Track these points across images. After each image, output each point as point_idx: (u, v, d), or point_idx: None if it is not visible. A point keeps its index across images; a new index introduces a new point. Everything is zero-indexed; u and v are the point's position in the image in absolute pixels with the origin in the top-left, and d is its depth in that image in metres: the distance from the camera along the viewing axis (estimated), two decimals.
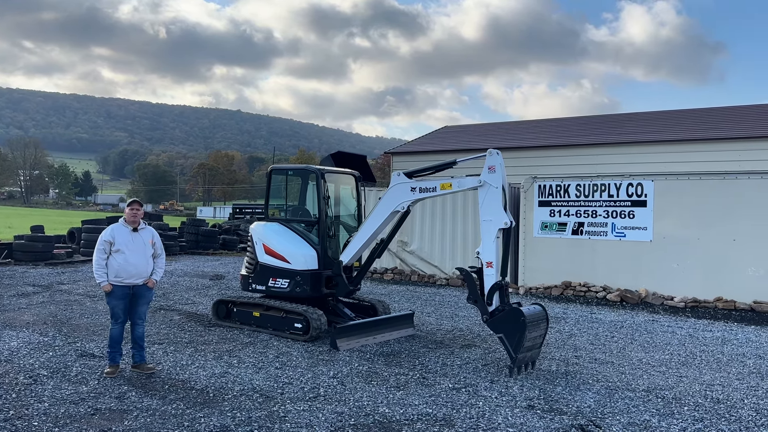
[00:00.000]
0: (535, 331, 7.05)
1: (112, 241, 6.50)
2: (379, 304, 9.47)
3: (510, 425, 5.38)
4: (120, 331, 6.61)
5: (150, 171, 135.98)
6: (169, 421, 5.26)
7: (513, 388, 6.48)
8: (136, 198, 6.84)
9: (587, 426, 5.41)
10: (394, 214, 8.34)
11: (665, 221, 12.30)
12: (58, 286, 12.73)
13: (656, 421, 5.58)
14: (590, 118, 26.24)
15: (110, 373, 6.50)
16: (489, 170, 7.35)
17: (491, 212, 7.27)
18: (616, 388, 6.57)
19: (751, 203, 11.52)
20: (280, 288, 8.80)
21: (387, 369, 7.10)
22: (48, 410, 5.44)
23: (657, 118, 22.79)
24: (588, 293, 12.91)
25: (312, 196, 9.19)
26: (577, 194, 13.25)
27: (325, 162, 9.77)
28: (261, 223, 9.38)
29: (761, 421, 5.67)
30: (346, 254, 8.74)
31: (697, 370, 7.44)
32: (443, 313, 11.02)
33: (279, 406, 5.73)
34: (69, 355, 7.30)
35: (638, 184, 12.58)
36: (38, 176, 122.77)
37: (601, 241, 12.96)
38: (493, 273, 7.14)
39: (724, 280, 11.70)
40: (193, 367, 6.92)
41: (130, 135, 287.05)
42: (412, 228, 15.40)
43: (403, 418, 5.51)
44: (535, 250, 13.76)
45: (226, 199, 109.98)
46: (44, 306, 10.51)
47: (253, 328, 8.91)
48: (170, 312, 10.36)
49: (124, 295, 6.56)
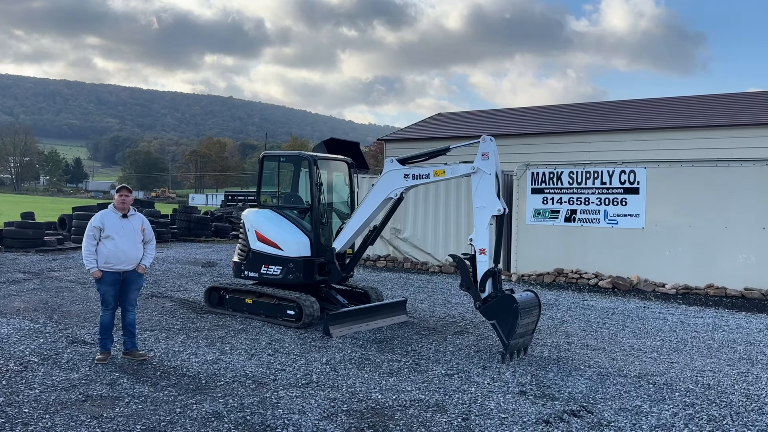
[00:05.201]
0: (527, 317, 7.06)
1: (102, 227, 6.44)
2: (372, 291, 9.46)
3: (502, 411, 5.39)
4: (111, 318, 6.57)
5: (141, 158, 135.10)
6: (160, 408, 5.24)
7: (505, 374, 6.50)
8: (126, 185, 6.77)
9: (579, 411, 5.43)
10: (387, 200, 8.31)
11: (657, 208, 12.33)
12: (49, 273, 12.65)
13: (647, 407, 5.61)
14: (583, 105, 26.23)
15: (101, 360, 6.47)
16: (482, 157, 7.32)
17: (484, 199, 7.25)
18: (608, 374, 6.60)
19: (742, 191, 11.55)
20: (273, 275, 8.78)
21: (380, 355, 7.10)
22: (39, 397, 5.41)
23: (649, 106, 22.80)
24: (580, 280, 12.96)
25: (305, 182, 9.13)
26: (569, 181, 13.26)
27: (317, 149, 9.71)
28: (253, 210, 9.33)
29: (751, 407, 5.71)
30: (339, 241, 8.71)
31: (688, 356, 7.49)
32: (436, 299, 11.03)
33: (271, 392, 5.72)
34: (60, 342, 7.26)
35: (631, 172, 12.59)
36: (28, 163, 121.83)
37: (594, 229, 12.99)
38: (486, 260, 7.13)
39: (715, 267, 11.77)
40: (185, 354, 6.90)
41: (121, 121, 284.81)
42: (405, 215, 15.38)
43: (396, 404, 5.52)
44: (528, 237, 13.78)
45: (218, 186, 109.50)
46: (35, 293, 10.45)
47: (245, 315, 8.89)
48: (162, 299, 10.32)
49: (114, 281, 6.51)
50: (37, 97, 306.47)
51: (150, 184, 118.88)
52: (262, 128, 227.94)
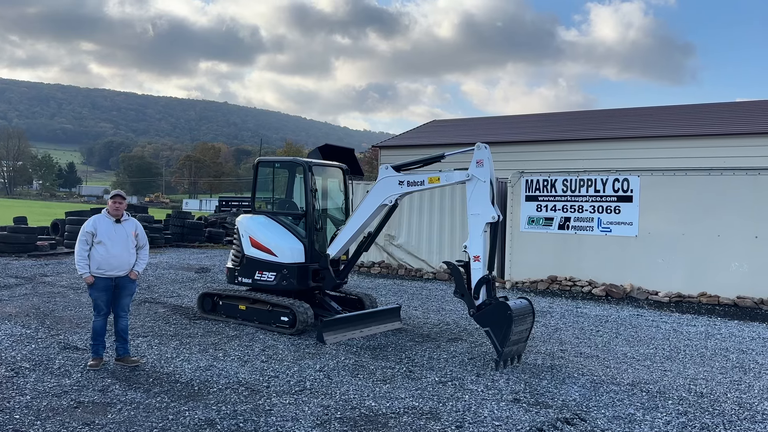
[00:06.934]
0: (521, 324, 7.07)
1: (94, 233, 6.42)
2: (366, 298, 9.45)
3: (496, 418, 5.39)
4: (103, 324, 6.54)
5: (135, 163, 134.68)
6: (153, 415, 5.21)
7: (499, 381, 6.49)
8: (120, 191, 6.75)
9: (572, 419, 5.43)
10: (382, 207, 8.32)
11: (651, 216, 12.38)
12: (41, 278, 12.58)
13: (641, 415, 5.61)
14: (577, 113, 26.35)
15: (93, 366, 6.43)
16: (477, 164, 7.34)
17: (479, 206, 7.26)
18: (601, 382, 6.61)
19: (735, 199, 11.62)
20: (267, 281, 8.75)
21: (373, 362, 7.09)
22: (30, 403, 5.37)
23: (642, 114, 22.91)
24: (574, 287, 12.98)
25: (299, 189, 9.13)
26: (563, 189, 13.30)
27: (312, 155, 9.72)
28: (247, 215, 9.31)
29: (744, 415, 5.73)
30: (334, 247, 8.70)
31: (681, 364, 7.51)
32: (430, 306, 11.03)
33: (265, 399, 5.70)
34: (52, 348, 7.21)
35: (624, 180, 12.65)
36: (22, 167, 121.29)
37: (587, 236, 13.02)
38: (480, 267, 7.14)
39: (708, 276, 11.82)
40: (178, 360, 6.87)
41: (115, 126, 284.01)
42: (400, 222, 15.39)
43: (390, 411, 5.51)
44: (522, 245, 13.80)
45: (213, 192, 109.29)
46: (27, 298, 10.38)
47: (239, 321, 8.85)
48: (155, 305, 10.28)
49: (106, 287, 6.48)
50: (31, 101, 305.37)
51: (144, 189, 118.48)
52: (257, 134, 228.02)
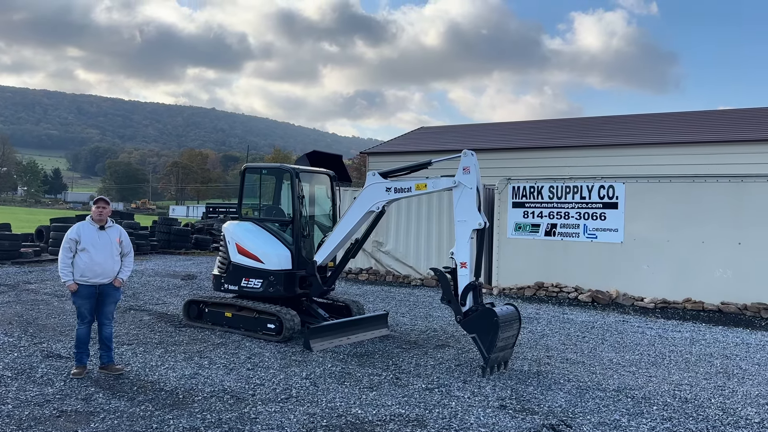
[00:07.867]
0: (507, 331, 7.09)
1: (78, 240, 6.36)
2: (354, 305, 9.42)
3: (482, 425, 5.39)
4: (86, 332, 6.47)
5: (122, 169, 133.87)
6: (137, 423, 5.16)
7: (485, 388, 6.50)
8: (105, 196, 6.69)
9: (558, 426, 5.44)
10: (369, 213, 8.32)
11: (636, 223, 12.47)
12: (25, 286, 12.44)
13: (626, 421, 5.64)
14: (563, 120, 26.54)
15: (77, 374, 6.36)
16: (464, 171, 7.37)
17: (465, 213, 7.29)
18: (587, 388, 6.63)
19: (719, 206, 11.73)
20: (253, 288, 8.71)
21: (360, 369, 7.07)
22: (12, 412, 5.30)
23: (627, 122, 23.13)
24: (560, 294, 13.04)
25: (286, 195, 9.11)
26: (550, 196, 13.37)
27: (300, 161, 9.70)
28: (234, 222, 9.27)
29: (728, 420, 5.77)
30: (321, 254, 8.68)
31: (666, 370, 7.55)
32: (417, 313, 11.02)
33: (250, 407, 5.66)
34: (35, 356, 7.12)
35: (609, 187, 12.74)
36: (6, 173, 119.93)
37: (574, 243, 13.09)
38: (467, 273, 7.15)
39: (692, 282, 11.91)
40: (163, 368, 6.81)
41: (101, 132, 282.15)
42: (387, 228, 15.39)
43: (376, 418, 5.49)
44: (509, 251, 13.85)
45: (200, 198, 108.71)
46: (10, 305, 10.26)
47: (225, 328, 8.80)
48: (140, 312, 10.19)
49: (90, 294, 6.42)
50: (17, 107, 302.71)
51: (130, 195, 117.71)
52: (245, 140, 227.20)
